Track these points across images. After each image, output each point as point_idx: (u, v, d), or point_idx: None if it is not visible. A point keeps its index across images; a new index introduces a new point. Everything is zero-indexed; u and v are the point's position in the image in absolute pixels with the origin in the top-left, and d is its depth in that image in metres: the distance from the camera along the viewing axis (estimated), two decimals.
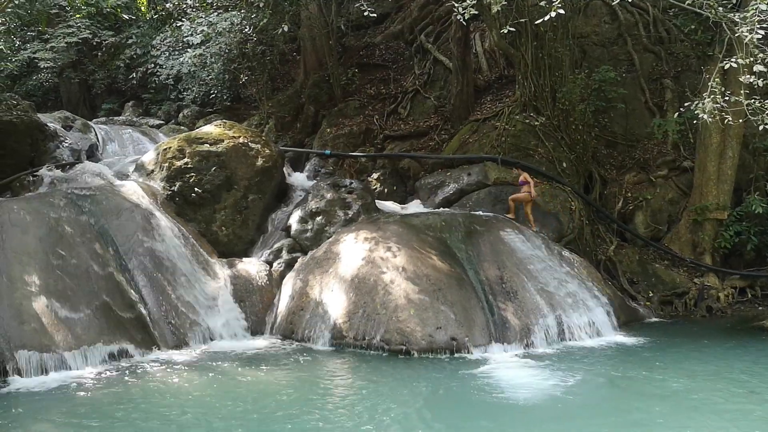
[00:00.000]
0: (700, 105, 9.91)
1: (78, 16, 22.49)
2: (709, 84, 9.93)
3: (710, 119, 10.15)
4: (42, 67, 23.29)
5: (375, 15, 13.07)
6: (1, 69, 21.28)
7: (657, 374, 9.45)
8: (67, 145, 16.64)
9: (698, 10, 10.18)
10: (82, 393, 8.76)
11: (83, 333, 10.04)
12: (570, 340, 11.29)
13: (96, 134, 18.21)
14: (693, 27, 16.48)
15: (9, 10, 17.56)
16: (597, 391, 8.87)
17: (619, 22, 17.97)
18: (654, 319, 13.44)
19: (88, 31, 22.92)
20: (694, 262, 14.72)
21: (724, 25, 9.96)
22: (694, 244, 14.93)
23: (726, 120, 10.38)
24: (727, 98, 9.99)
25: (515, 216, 13.88)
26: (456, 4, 10.43)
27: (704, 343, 11.39)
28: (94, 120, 21.79)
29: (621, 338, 11.65)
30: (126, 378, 9.38)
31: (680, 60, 17.37)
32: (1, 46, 19.01)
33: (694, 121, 12.33)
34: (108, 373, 9.60)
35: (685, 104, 10.95)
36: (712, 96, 9.72)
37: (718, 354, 10.66)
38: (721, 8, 10.06)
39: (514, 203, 13.94)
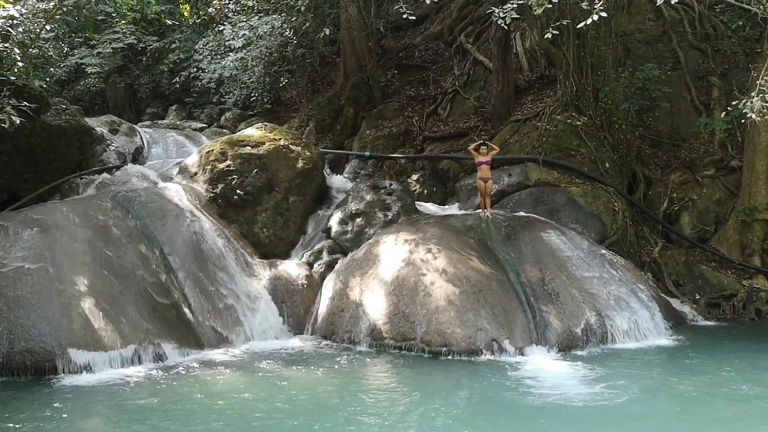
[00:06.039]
0: (749, 103, 9.68)
1: (123, 22, 23.01)
2: (758, 82, 9.71)
3: (759, 118, 9.90)
4: (89, 72, 23.97)
5: (414, 16, 13.08)
6: (51, 75, 21.87)
7: (704, 378, 9.25)
8: (113, 148, 17.00)
9: (746, 6, 9.97)
10: (128, 391, 8.95)
11: (130, 332, 10.26)
12: (613, 342, 11.10)
13: (141, 138, 18.55)
14: (740, 23, 16.10)
15: (57, 17, 18.04)
16: (642, 395, 8.70)
17: (663, 19, 17.64)
18: (701, 322, 13.12)
19: (133, 37, 23.47)
20: (742, 264, 14.37)
21: None
22: (743, 245, 14.57)
23: None
24: None
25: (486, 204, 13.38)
26: (496, 10, 10.34)
27: (753, 347, 11.08)
28: (139, 124, 22.22)
29: (666, 341, 11.41)
30: (171, 377, 9.55)
31: (727, 57, 16.96)
32: (51, 53, 19.53)
33: (742, 120, 12.02)
34: (153, 372, 9.78)
35: (733, 102, 10.70)
36: (760, 94, 9.49)
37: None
38: None
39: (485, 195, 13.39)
